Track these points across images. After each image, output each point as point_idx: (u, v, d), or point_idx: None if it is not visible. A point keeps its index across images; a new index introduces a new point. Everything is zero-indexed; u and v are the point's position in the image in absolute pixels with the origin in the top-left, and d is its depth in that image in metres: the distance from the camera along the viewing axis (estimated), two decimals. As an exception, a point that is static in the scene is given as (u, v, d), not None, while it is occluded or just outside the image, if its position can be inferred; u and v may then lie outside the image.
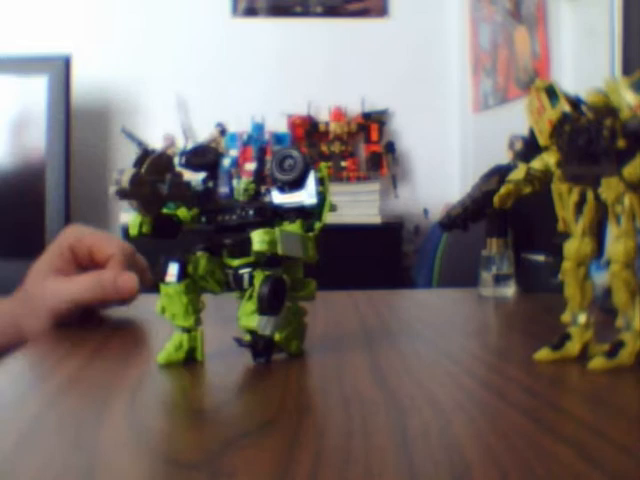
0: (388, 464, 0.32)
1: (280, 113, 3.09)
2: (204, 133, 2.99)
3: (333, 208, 0.52)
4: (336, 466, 0.32)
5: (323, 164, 0.53)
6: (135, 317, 0.72)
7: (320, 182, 0.51)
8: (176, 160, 0.51)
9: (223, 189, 0.52)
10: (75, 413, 0.41)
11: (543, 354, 0.50)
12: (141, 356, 0.58)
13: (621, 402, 0.43)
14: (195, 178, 0.52)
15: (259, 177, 0.54)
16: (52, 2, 3.11)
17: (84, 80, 2.94)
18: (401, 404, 0.42)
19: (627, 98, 0.45)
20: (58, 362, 0.56)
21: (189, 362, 0.51)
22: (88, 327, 0.68)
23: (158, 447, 0.35)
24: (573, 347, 0.50)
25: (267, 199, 0.52)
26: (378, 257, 2.85)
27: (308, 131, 3.12)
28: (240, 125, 3.01)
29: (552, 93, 0.51)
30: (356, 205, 2.84)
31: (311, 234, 0.51)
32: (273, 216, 0.51)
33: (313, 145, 3.09)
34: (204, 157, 0.52)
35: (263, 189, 0.53)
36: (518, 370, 0.50)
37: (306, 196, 0.51)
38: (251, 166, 2.82)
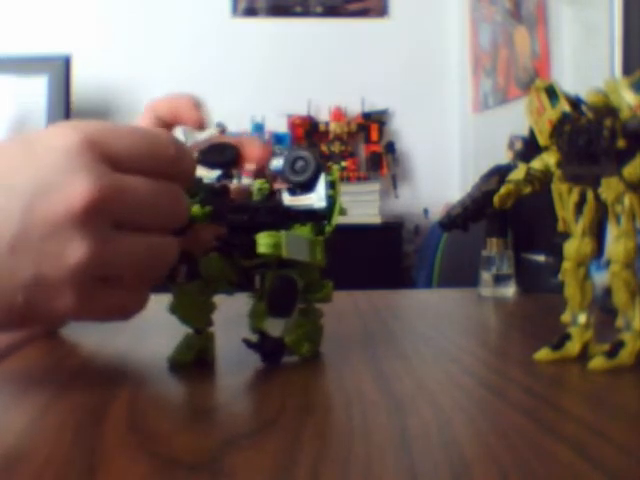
0: (388, 464, 0.32)
1: (280, 113, 3.09)
2: (204, 133, 2.98)
3: (343, 212, 0.51)
4: (337, 466, 0.32)
5: (335, 167, 0.53)
6: (138, 315, 0.72)
7: (331, 185, 0.51)
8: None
9: None
10: (75, 412, 0.41)
11: (543, 354, 0.50)
12: (143, 355, 0.58)
13: (621, 402, 0.43)
14: (209, 175, 0.51)
15: (258, 177, 0.54)
16: (52, 2, 3.11)
17: (84, 80, 2.94)
18: (401, 404, 0.42)
19: (627, 98, 0.45)
20: (59, 361, 0.56)
21: (199, 363, 0.51)
22: (86, 327, 0.68)
23: (158, 447, 0.35)
24: (573, 347, 0.50)
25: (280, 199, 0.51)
26: (378, 257, 2.85)
27: (308, 131, 3.12)
28: (240, 125, 3.01)
29: (552, 93, 0.51)
30: (356, 205, 2.84)
31: (321, 237, 0.50)
32: (285, 217, 0.50)
33: (313, 145, 3.09)
34: (222, 154, 0.52)
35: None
36: (518, 370, 0.50)
37: (316, 199, 0.50)
38: (251, 166, 2.81)
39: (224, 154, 0.52)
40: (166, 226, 0.44)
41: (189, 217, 0.47)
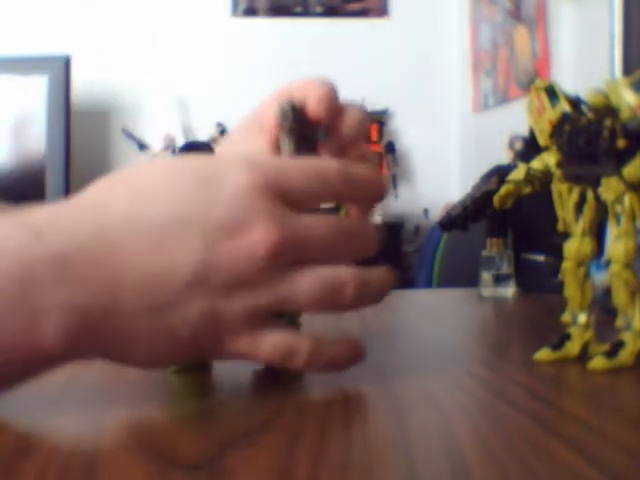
0: (388, 464, 0.32)
1: (280, 113, 3.09)
2: (204, 133, 2.99)
3: (347, 212, 0.52)
4: (336, 466, 0.31)
5: None
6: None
7: None
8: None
9: None
10: (75, 413, 0.41)
11: (543, 354, 0.50)
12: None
13: (621, 402, 0.43)
14: None
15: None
16: (52, 2, 3.11)
17: (84, 80, 2.94)
18: (401, 404, 0.42)
19: (627, 98, 0.45)
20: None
21: (200, 366, 0.51)
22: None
23: (158, 447, 0.35)
24: (573, 347, 0.50)
25: None
26: (378, 257, 2.85)
27: (308, 131, 3.12)
28: (240, 125, 3.00)
29: (552, 93, 0.51)
30: (356, 205, 2.83)
31: None
32: None
33: (313, 145, 3.08)
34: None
35: None
36: (518, 370, 0.50)
37: None
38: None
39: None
40: (354, 258, 0.46)
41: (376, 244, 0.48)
